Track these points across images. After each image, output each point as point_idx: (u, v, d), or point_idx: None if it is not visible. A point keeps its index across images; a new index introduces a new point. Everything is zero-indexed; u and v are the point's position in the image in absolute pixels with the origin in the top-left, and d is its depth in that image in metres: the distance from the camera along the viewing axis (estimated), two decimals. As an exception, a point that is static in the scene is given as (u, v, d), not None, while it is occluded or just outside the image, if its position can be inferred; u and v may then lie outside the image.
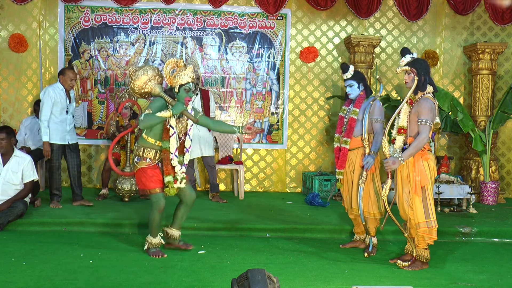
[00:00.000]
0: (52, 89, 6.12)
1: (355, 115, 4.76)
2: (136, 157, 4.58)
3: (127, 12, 7.89)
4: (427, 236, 4.29)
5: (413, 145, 4.19)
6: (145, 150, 4.53)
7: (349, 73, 4.83)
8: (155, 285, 3.79)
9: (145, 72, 4.51)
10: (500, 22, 8.19)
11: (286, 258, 4.61)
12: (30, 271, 4.00)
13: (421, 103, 4.24)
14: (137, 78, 4.51)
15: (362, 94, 4.83)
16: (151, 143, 4.53)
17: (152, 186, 4.50)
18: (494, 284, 4.04)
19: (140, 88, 4.53)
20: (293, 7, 8.11)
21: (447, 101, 7.41)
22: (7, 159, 5.53)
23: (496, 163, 7.75)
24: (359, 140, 4.75)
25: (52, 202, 6.20)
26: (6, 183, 5.47)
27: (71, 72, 6.22)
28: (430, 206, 4.25)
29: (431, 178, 4.28)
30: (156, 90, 4.52)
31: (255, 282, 2.55)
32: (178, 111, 4.42)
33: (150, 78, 4.51)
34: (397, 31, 8.26)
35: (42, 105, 6.05)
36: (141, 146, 4.56)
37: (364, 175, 4.64)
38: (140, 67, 4.61)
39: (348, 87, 4.87)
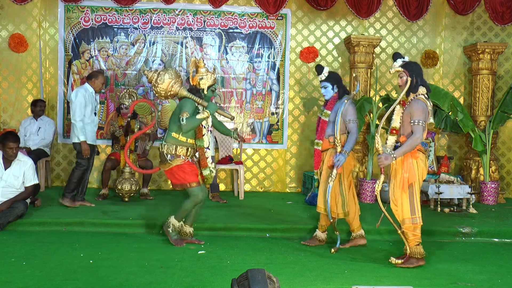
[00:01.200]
0: (84, 91, 6.17)
1: (325, 117, 4.89)
2: (168, 155, 4.73)
3: (127, 12, 7.89)
4: (411, 233, 4.38)
5: (407, 144, 4.27)
6: (178, 147, 4.73)
7: (323, 74, 4.93)
8: (155, 285, 3.79)
9: (170, 76, 4.72)
10: (500, 22, 8.19)
11: (286, 258, 4.61)
12: (30, 271, 4.00)
13: (413, 105, 4.32)
14: (162, 82, 4.70)
15: (335, 95, 4.93)
16: (183, 141, 4.75)
17: (192, 179, 4.76)
18: (494, 284, 4.04)
19: (166, 91, 4.73)
20: (293, 7, 8.11)
21: (447, 101, 7.40)
22: (9, 163, 5.52)
23: (496, 163, 7.75)
24: (327, 142, 4.91)
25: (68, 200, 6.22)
26: (7, 187, 5.47)
27: (103, 76, 6.41)
28: (416, 203, 4.33)
29: (419, 176, 4.35)
30: (183, 92, 4.72)
31: (255, 282, 2.55)
32: (213, 111, 4.69)
33: (175, 81, 4.73)
34: (397, 31, 8.26)
35: (75, 106, 6.07)
36: (173, 144, 4.74)
37: (334, 173, 4.76)
38: (162, 70, 4.78)
39: (322, 88, 4.98)
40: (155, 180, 7.97)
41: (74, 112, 6.07)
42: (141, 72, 4.95)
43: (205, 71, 4.80)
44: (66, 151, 7.96)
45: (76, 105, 6.06)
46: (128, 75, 7.96)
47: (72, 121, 6.11)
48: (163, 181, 8.05)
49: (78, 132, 6.07)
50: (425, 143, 7.82)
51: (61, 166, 7.95)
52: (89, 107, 6.18)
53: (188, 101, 4.68)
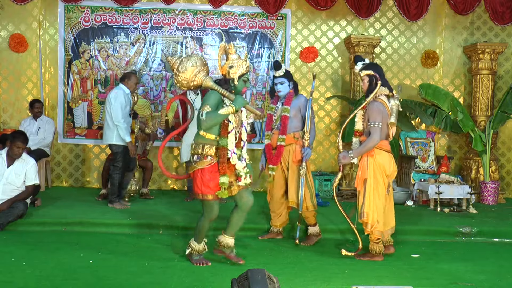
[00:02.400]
0: (122, 92, 6.22)
1: (287, 113, 4.98)
2: (194, 156, 4.15)
3: (127, 12, 7.89)
4: (364, 228, 4.58)
5: (364, 144, 4.49)
6: (205, 147, 4.11)
7: (281, 71, 5.03)
8: (155, 285, 3.79)
9: (193, 63, 4.14)
10: (500, 22, 8.19)
11: (286, 258, 4.61)
12: (30, 271, 4.00)
13: (369, 107, 4.54)
14: (185, 70, 4.12)
15: (291, 92, 5.07)
16: (211, 140, 4.12)
17: (207, 192, 4.11)
18: (494, 284, 4.04)
19: (189, 80, 4.15)
20: (293, 7, 8.11)
21: (447, 101, 7.41)
22: (12, 161, 5.54)
23: (496, 163, 7.75)
24: (291, 137, 5.01)
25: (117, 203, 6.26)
26: (8, 184, 5.47)
27: (135, 76, 6.45)
28: (366, 199, 4.50)
29: (375, 173, 4.50)
30: (209, 82, 4.16)
31: (255, 282, 2.55)
32: (240, 105, 4.08)
33: (199, 70, 4.15)
34: (397, 31, 8.26)
35: (117, 108, 6.10)
36: (200, 143, 4.13)
37: (304, 166, 4.90)
38: (185, 57, 4.22)
39: (279, 84, 5.06)
40: (155, 180, 7.97)
41: (116, 113, 6.10)
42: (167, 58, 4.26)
43: (236, 58, 4.21)
44: (66, 151, 7.96)
45: (117, 106, 6.11)
46: (128, 75, 7.95)
47: (115, 122, 6.11)
48: (163, 181, 8.05)
49: (123, 133, 6.11)
50: (425, 143, 7.84)
51: (61, 166, 7.95)
52: (127, 108, 6.27)
53: (213, 93, 4.11)
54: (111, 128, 6.17)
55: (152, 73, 7.98)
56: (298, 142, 5.01)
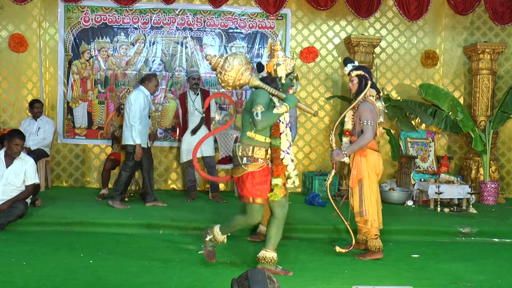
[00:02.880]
0: (142, 93, 6.24)
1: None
2: (244, 159, 3.97)
3: (127, 12, 7.89)
4: (363, 226, 4.64)
5: (357, 142, 4.56)
6: (255, 149, 3.96)
7: (264, 72, 4.92)
8: (155, 285, 3.79)
9: (239, 61, 3.98)
10: (500, 22, 8.19)
11: (286, 258, 4.60)
12: (30, 271, 4.00)
13: (361, 107, 4.61)
14: (232, 69, 3.96)
15: None
16: (261, 141, 3.98)
17: (257, 195, 3.97)
18: (494, 284, 4.04)
19: (235, 79, 3.98)
20: (293, 7, 8.11)
21: (447, 101, 7.41)
22: (11, 161, 5.53)
23: (496, 163, 7.75)
24: None
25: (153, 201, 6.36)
26: (8, 185, 5.46)
27: (156, 78, 6.48)
28: (365, 197, 4.57)
29: (369, 172, 4.59)
30: (256, 81, 4.00)
31: (255, 282, 2.55)
32: (293, 104, 3.96)
33: (245, 68, 4.00)
34: (397, 31, 8.26)
35: (136, 109, 6.13)
36: (249, 145, 3.98)
37: None
38: (230, 55, 4.04)
39: None
40: (156, 180, 7.95)
41: (134, 114, 6.12)
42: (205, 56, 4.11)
43: (283, 56, 4.08)
44: (66, 151, 7.96)
45: (136, 108, 6.14)
46: (128, 75, 7.96)
47: (131, 123, 6.13)
48: (163, 181, 8.05)
49: (135, 134, 6.12)
50: (425, 143, 7.84)
51: (61, 166, 7.95)
52: (146, 110, 6.28)
53: (262, 92, 3.97)
54: (129, 129, 6.21)
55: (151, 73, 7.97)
56: None
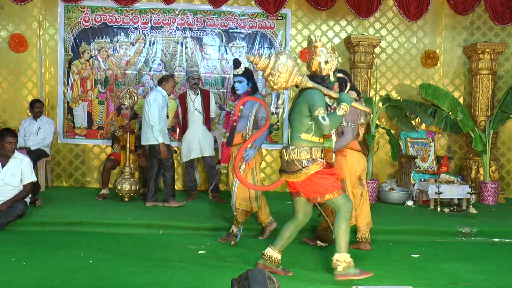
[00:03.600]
0: (160, 94, 6.35)
1: (238, 112, 4.92)
2: (303, 161, 3.83)
3: (127, 12, 7.89)
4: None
5: (338, 143, 4.54)
6: (312, 150, 3.84)
7: (240, 69, 4.98)
8: (155, 285, 3.79)
9: (293, 61, 3.77)
10: (500, 22, 8.19)
11: (286, 258, 4.60)
12: (30, 271, 4.00)
13: None
14: (286, 70, 3.73)
15: (249, 91, 5.01)
16: (317, 142, 3.88)
17: (338, 185, 3.91)
18: (494, 284, 4.04)
19: (287, 81, 3.78)
20: (293, 7, 8.11)
21: (447, 101, 7.41)
22: (6, 161, 5.51)
23: (496, 163, 7.75)
24: (239, 136, 4.97)
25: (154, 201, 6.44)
26: (5, 185, 5.45)
27: (173, 79, 6.61)
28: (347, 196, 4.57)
29: (350, 172, 4.77)
30: (309, 81, 3.81)
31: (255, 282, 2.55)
32: (351, 102, 3.77)
33: (297, 68, 3.82)
34: (397, 31, 8.26)
35: (155, 109, 6.24)
36: (306, 147, 3.84)
37: (243, 168, 4.85)
38: (279, 54, 3.80)
39: (237, 83, 5.01)
40: (155, 180, 7.96)
41: (153, 115, 6.22)
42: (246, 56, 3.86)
43: (327, 52, 3.89)
44: (66, 151, 7.96)
45: (155, 108, 6.24)
46: (128, 75, 7.96)
47: (151, 123, 6.22)
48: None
49: (157, 134, 6.22)
50: (425, 143, 7.84)
51: (61, 166, 7.95)
52: (164, 110, 6.38)
53: (317, 93, 3.76)
54: (150, 129, 6.30)
55: (152, 73, 7.98)
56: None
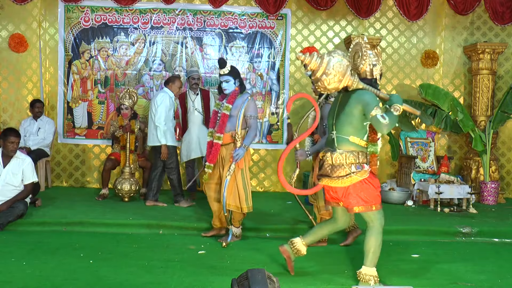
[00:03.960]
0: (167, 95, 6.39)
1: (227, 111, 4.94)
2: (352, 166, 3.65)
3: (127, 12, 7.89)
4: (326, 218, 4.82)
5: (320, 143, 4.70)
6: (359, 154, 3.67)
7: (226, 68, 4.98)
8: (155, 285, 3.79)
9: (347, 61, 3.66)
10: (500, 22, 8.19)
11: (286, 258, 4.60)
12: (30, 271, 4.00)
13: (324, 109, 4.78)
14: (341, 70, 3.59)
15: (236, 90, 5.01)
16: (363, 146, 3.71)
17: (380, 199, 3.74)
18: (494, 284, 4.04)
19: (340, 81, 3.62)
20: (293, 7, 8.11)
21: (447, 101, 7.41)
22: (8, 160, 5.52)
23: (496, 163, 7.75)
24: (229, 136, 4.96)
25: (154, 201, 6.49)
26: (6, 185, 5.46)
27: (180, 80, 6.63)
28: None
29: None
30: (360, 83, 3.66)
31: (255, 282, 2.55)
32: (402, 103, 3.61)
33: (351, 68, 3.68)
34: (397, 31, 8.26)
35: (162, 110, 6.29)
36: (354, 151, 3.67)
37: (232, 168, 4.85)
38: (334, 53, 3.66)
39: (224, 82, 4.99)
40: (155, 180, 7.96)
41: (159, 116, 6.28)
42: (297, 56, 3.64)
43: (375, 55, 3.77)
44: (66, 151, 7.96)
45: (162, 109, 6.29)
46: (128, 75, 7.96)
47: (156, 124, 6.28)
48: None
49: (161, 135, 6.27)
50: (425, 143, 7.84)
51: (61, 166, 7.95)
52: (171, 111, 6.42)
53: (370, 94, 3.62)
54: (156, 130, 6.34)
55: (152, 73, 7.98)
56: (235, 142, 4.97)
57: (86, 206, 6.26)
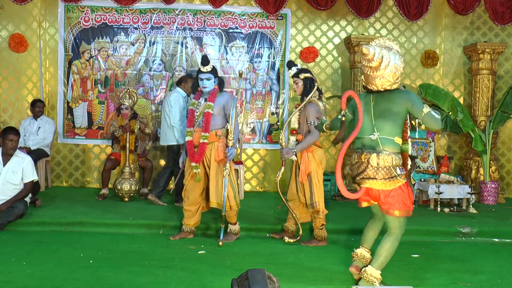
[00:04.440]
0: (180, 95, 6.45)
1: (210, 110, 4.94)
2: (397, 169, 3.61)
3: (127, 12, 7.89)
4: (315, 215, 4.99)
5: (305, 141, 4.87)
6: (400, 156, 3.66)
7: (209, 66, 4.98)
8: (155, 285, 3.79)
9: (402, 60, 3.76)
10: (500, 22, 8.19)
11: (286, 258, 4.61)
12: (30, 271, 4.00)
13: (308, 108, 4.89)
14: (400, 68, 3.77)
15: (216, 88, 5.03)
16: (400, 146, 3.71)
17: (411, 207, 3.72)
18: (494, 284, 4.04)
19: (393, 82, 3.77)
20: (293, 7, 8.11)
21: (447, 101, 7.41)
22: (8, 159, 5.53)
23: (496, 163, 7.75)
24: (213, 135, 4.96)
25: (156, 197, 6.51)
26: (6, 183, 5.47)
27: (192, 80, 6.55)
28: (315, 190, 4.93)
29: (316, 167, 4.96)
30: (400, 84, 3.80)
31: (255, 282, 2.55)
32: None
33: None
34: (397, 31, 8.26)
35: (175, 110, 6.35)
36: (398, 153, 3.65)
37: (228, 167, 4.93)
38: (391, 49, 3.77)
39: (205, 80, 4.97)
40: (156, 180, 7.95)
41: (174, 115, 6.32)
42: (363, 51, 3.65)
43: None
44: (66, 151, 7.96)
45: (177, 109, 6.34)
46: (128, 75, 7.96)
47: (172, 124, 6.32)
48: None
49: (179, 135, 6.32)
50: (425, 143, 7.84)
51: (61, 166, 7.95)
52: (184, 111, 6.45)
53: (412, 92, 3.79)
54: (171, 130, 6.38)
55: (152, 73, 7.98)
56: (220, 141, 4.98)
57: (86, 206, 6.26)
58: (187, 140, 5.05)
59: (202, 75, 4.98)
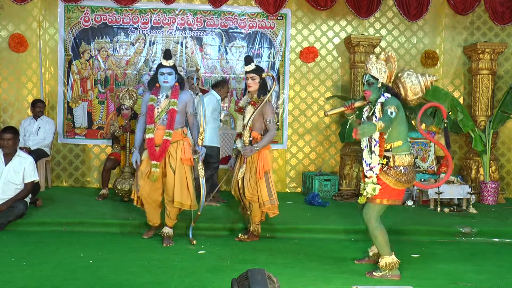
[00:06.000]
0: (214, 98, 6.57)
1: (175, 107, 4.85)
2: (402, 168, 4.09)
3: (127, 12, 7.89)
4: (271, 212, 5.12)
5: (266, 139, 4.95)
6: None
7: (172, 60, 4.91)
8: (155, 285, 3.79)
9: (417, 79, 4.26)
10: (500, 22, 8.19)
11: (286, 258, 4.61)
12: (30, 271, 4.00)
13: (265, 106, 4.97)
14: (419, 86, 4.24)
15: (176, 85, 4.95)
16: None
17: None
18: (494, 284, 4.04)
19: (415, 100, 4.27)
20: (293, 7, 8.11)
21: (447, 101, 7.41)
22: (10, 158, 5.53)
23: (496, 163, 7.75)
24: (179, 133, 4.88)
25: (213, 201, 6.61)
26: (7, 183, 5.47)
27: (227, 86, 6.94)
28: (272, 187, 5.03)
29: (271, 164, 5.15)
30: None
31: (255, 282, 2.55)
32: None
33: None
34: (397, 31, 8.26)
35: (209, 112, 6.44)
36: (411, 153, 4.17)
37: (201, 165, 5.00)
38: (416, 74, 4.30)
39: (167, 74, 4.85)
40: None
41: (208, 117, 6.39)
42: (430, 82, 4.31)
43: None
44: (66, 151, 7.96)
45: (210, 110, 6.43)
46: (128, 75, 7.96)
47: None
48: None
49: (213, 136, 6.45)
50: (425, 143, 7.84)
51: (61, 166, 7.95)
52: (216, 113, 6.58)
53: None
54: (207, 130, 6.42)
55: (152, 73, 7.97)
56: (186, 139, 4.91)
57: (86, 206, 6.26)
58: (147, 137, 4.82)
59: (164, 69, 4.84)
